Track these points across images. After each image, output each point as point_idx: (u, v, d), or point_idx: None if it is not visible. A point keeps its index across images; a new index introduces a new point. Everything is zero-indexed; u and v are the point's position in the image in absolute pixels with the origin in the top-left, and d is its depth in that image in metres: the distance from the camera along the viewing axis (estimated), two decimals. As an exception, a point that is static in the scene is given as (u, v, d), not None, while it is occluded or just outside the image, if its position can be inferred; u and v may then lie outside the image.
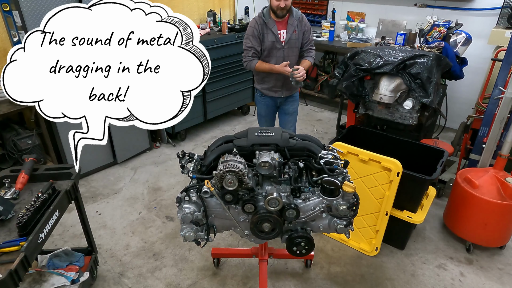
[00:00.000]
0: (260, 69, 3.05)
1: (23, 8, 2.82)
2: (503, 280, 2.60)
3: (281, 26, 2.97)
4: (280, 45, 3.00)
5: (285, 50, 3.03)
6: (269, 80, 3.14)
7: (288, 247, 1.77)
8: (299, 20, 3.00)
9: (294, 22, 2.98)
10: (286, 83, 3.12)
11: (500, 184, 2.64)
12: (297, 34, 3.01)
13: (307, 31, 3.08)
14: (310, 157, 1.74)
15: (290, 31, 2.98)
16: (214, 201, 1.70)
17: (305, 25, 3.06)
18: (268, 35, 2.96)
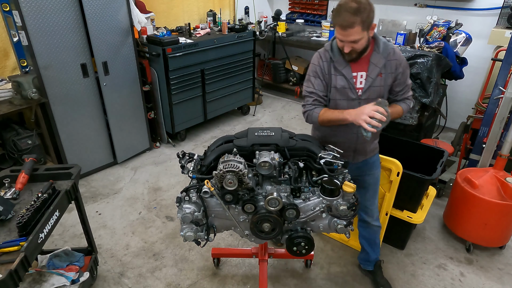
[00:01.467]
0: (326, 119, 1.99)
1: (23, 8, 2.82)
2: (503, 280, 2.60)
3: (358, 67, 1.96)
4: (354, 94, 1.97)
5: (362, 103, 1.95)
6: (335, 141, 2.06)
7: (288, 247, 1.77)
8: (389, 57, 1.95)
9: (381, 60, 1.93)
10: (360, 143, 2.11)
11: (500, 184, 2.63)
12: (383, 79, 1.97)
13: (402, 73, 2.00)
14: (310, 157, 1.74)
15: (373, 74, 1.94)
16: (214, 201, 1.70)
17: (400, 64, 1.98)
18: (337, 79, 1.98)
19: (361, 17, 1.72)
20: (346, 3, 1.74)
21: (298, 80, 5.78)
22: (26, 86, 3.00)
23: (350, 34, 1.76)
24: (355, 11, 1.70)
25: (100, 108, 3.62)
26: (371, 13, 1.76)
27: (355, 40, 1.78)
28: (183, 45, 3.99)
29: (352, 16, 1.71)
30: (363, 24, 1.74)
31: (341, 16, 1.74)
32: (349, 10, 1.71)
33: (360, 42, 1.81)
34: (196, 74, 4.27)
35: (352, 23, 1.72)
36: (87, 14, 3.19)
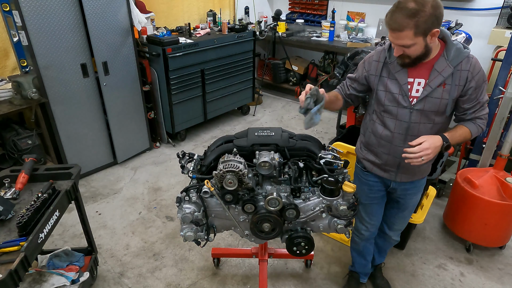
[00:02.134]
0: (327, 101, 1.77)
1: (23, 8, 2.82)
2: (503, 280, 2.60)
3: (416, 73, 1.71)
4: (406, 102, 1.74)
5: (414, 113, 1.74)
6: (377, 152, 1.93)
7: (288, 247, 1.77)
8: (460, 66, 1.65)
9: (448, 69, 1.64)
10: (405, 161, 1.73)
11: (500, 184, 2.63)
12: (447, 90, 1.68)
13: (474, 89, 1.68)
14: (310, 157, 1.74)
15: (434, 83, 1.67)
16: (214, 201, 1.70)
17: (473, 77, 1.66)
18: (389, 83, 1.77)
19: (415, 21, 1.48)
20: (404, 2, 1.51)
21: (298, 80, 5.78)
22: (26, 86, 3.00)
23: (399, 38, 1.56)
24: (409, 13, 1.48)
25: (100, 108, 3.62)
26: (432, 17, 1.49)
27: (405, 45, 1.57)
28: (183, 45, 3.99)
29: (404, 18, 1.49)
30: (416, 29, 1.50)
31: (392, 16, 1.53)
32: (403, 11, 1.49)
33: (413, 48, 1.58)
34: (196, 74, 4.27)
35: (402, 27, 1.51)
36: (87, 14, 3.19)
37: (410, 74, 1.72)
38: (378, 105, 1.84)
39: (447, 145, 1.67)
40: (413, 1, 1.48)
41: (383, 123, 1.85)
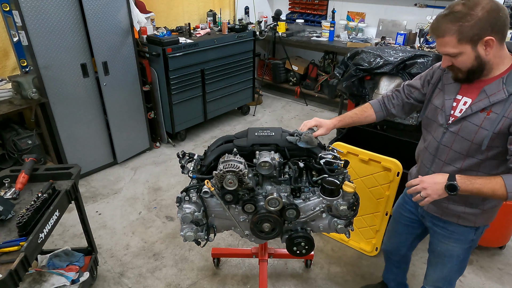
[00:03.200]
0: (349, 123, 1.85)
1: (23, 8, 2.82)
2: (503, 280, 2.60)
3: (467, 91, 1.47)
4: (443, 120, 1.53)
5: (448, 134, 1.51)
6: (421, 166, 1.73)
7: (288, 247, 1.77)
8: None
9: (500, 93, 1.35)
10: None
11: (500, 184, 2.63)
12: (490, 119, 1.38)
13: None
14: (310, 157, 1.74)
15: (477, 106, 1.41)
16: (214, 201, 1.70)
17: None
18: (437, 95, 1.60)
19: (459, 26, 1.29)
20: (452, 5, 1.32)
21: (298, 80, 5.78)
22: (26, 86, 3.00)
23: (441, 45, 1.38)
24: (453, 16, 1.30)
25: (100, 108, 3.62)
26: (483, 22, 1.27)
27: (449, 53, 1.37)
28: (183, 45, 3.99)
29: (446, 22, 1.32)
30: (460, 35, 1.30)
31: (436, 20, 1.36)
32: (446, 14, 1.33)
33: (460, 59, 1.36)
34: (196, 74, 4.27)
35: (443, 32, 1.33)
36: (87, 14, 3.18)
37: (461, 91, 1.49)
38: (424, 118, 1.66)
39: (450, 185, 1.37)
40: (461, 3, 1.29)
41: (423, 137, 1.70)
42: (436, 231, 1.75)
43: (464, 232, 1.65)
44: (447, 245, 1.73)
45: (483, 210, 1.58)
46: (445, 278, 1.83)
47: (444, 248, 1.75)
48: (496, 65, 1.37)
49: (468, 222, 1.62)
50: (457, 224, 1.64)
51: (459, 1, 1.30)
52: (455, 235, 1.68)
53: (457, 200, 1.58)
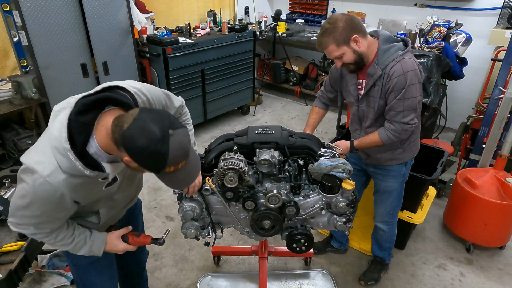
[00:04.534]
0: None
1: (23, 8, 2.83)
2: (503, 280, 2.60)
3: (361, 75, 2.00)
4: (355, 99, 2.06)
5: (361, 109, 2.06)
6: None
7: (288, 244, 1.77)
8: (386, 69, 1.84)
9: (377, 72, 1.86)
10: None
11: (500, 184, 2.63)
12: (377, 90, 1.91)
13: (394, 92, 1.85)
14: (309, 154, 1.75)
15: (368, 84, 1.93)
16: (215, 198, 1.70)
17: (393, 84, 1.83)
18: (348, 82, 2.08)
19: (333, 37, 1.79)
20: (322, 26, 1.84)
21: (298, 80, 5.78)
22: (26, 86, 3.00)
23: (329, 53, 1.86)
24: (326, 32, 1.80)
25: (100, 108, 3.61)
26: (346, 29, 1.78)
27: (336, 56, 1.85)
28: (183, 45, 3.99)
29: (324, 37, 1.81)
30: (337, 42, 1.80)
31: (318, 39, 1.86)
32: (321, 33, 1.82)
33: (345, 57, 1.85)
34: (196, 74, 4.27)
35: (326, 44, 1.82)
36: (87, 14, 3.19)
37: (359, 76, 2.02)
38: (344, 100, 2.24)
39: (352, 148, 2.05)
40: (327, 23, 1.81)
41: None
42: (378, 172, 2.26)
43: (397, 168, 2.18)
44: (386, 182, 2.24)
45: (404, 149, 2.11)
46: (389, 212, 2.35)
47: (385, 185, 2.26)
48: (369, 52, 1.88)
49: (398, 160, 2.15)
50: (391, 164, 2.16)
51: (325, 22, 1.82)
52: (391, 172, 2.20)
53: (384, 150, 2.11)
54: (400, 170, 2.19)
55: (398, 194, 2.28)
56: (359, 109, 2.07)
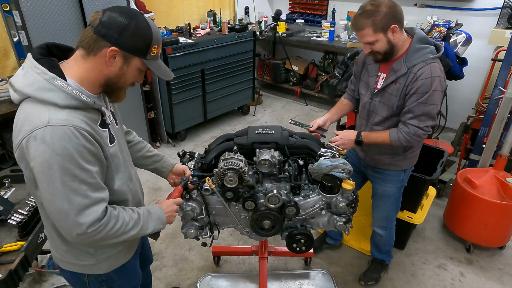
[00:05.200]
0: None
1: (23, 8, 2.83)
2: (503, 280, 2.60)
3: (384, 67, 1.94)
4: (369, 93, 2.02)
5: (373, 103, 2.01)
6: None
7: (288, 244, 1.77)
8: (413, 69, 1.80)
9: (402, 69, 1.83)
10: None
11: (500, 184, 2.63)
12: (397, 88, 1.86)
13: (416, 95, 1.80)
14: (309, 155, 1.75)
15: (389, 79, 1.89)
16: (215, 198, 1.70)
17: (417, 83, 1.78)
18: (364, 74, 2.08)
19: (372, 20, 1.71)
20: (363, 6, 1.75)
21: (298, 80, 5.78)
22: (26, 85, 3.00)
23: (361, 36, 1.79)
24: (366, 13, 1.72)
25: (100, 108, 3.61)
26: (388, 15, 1.71)
27: (369, 42, 1.78)
28: (183, 45, 3.99)
29: (362, 18, 1.74)
30: (375, 26, 1.73)
31: (355, 18, 1.79)
32: (360, 13, 1.75)
33: (377, 44, 1.78)
34: (196, 74, 4.28)
35: (362, 25, 1.75)
36: (87, 14, 3.19)
37: (380, 69, 1.97)
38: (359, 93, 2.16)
39: (357, 140, 1.99)
40: (370, 4, 1.72)
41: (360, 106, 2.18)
42: (376, 176, 2.23)
43: (395, 174, 2.16)
44: (384, 187, 2.22)
45: (405, 157, 2.09)
46: (386, 217, 2.34)
47: (383, 189, 2.24)
48: (400, 47, 1.83)
49: (397, 167, 2.13)
50: (390, 169, 2.14)
51: (368, 2, 1.73)
52: (390, 177, 2.17)
53: (385, 153, 2.08)
54: (399, 176, 2.17)
55: (395, 199, 2.27)
56: (371, 103, 2.02)
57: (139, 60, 1.17)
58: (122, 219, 1.22)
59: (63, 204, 1.09)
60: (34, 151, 1.05)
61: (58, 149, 1.04)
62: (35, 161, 1.06)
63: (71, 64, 1.15)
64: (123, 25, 1.09)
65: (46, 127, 1.04)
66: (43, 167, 1.06)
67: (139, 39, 1.12)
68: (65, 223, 1.12)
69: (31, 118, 1.06)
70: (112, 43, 1.10)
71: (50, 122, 1.04)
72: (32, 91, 1.07)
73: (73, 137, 1.06)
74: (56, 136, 1.04)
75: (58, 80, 1.07)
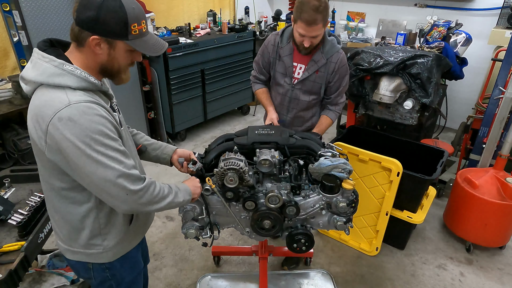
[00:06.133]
0: (258, 98, 2.45)
1: (23, 8, 2.83)
2: (503, 280, 2.60)
3: (299, 58, 2.18)
4: (289, 82, 2.24)
5: (295, 91, 2.27)
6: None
7: (288, 244, 1.77)
8: (331, 58, 2.14)
9: (322, 60, 2.12)
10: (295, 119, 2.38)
11: (500, 184, 2.63)
12: (320, 77, 2.18)
13: (339, 80, 2.21)
14: (309, 155, 1.75)
15: (311, 69, 2.16)
16: (215, 198, 1.70)
17: (337, 69, 2.16)
18: (279, 64, 2.24)
19: (323, 15, 1.90)
20: (310, 1, 1.87)
21: (298, 80, 5.78)
22: (26, 85, 3.00)
23: (313, 30, 1.93)
24: (319, 9, 1.87)
25: (100, 108, 3.61)
26: (328, 10, 1.95)
27: (316, 35, 1.97)
28: (183, 45, 3.99)
29: (316, 13, 1.88)
30: (324, 21, 1.93)
31: (306, 12, 1.88)
32: (313, 8, 1.86)
33: (318, 38, 2.00)
34: (196, 74, 4.28)
35: (316, 20, 1.89)
36: (87, 14, 3.18)
37: (294, 59, 2.18)
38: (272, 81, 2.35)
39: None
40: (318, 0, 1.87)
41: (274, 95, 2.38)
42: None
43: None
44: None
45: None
46: None
47: None
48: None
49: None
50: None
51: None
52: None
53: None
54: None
55: None
56: (293, 91, 2.25)
57: (122, 42, 1.18)
58: (158, 184, 1.35)
59: (106, 172, 1.14)
60: (63, 131, 1.09)
61: (85, 123, 1.10)
62: (66, 140, 1.10)
63: (70, 56, 1.20)
64: (94, 14, 1.10)
65: (68, 107, 1.09)
66: (76, 143, 1.10)
67: (113, 22, 1.13)
68: (113, 189, 1.17)
69: (51, 102, 1.10)
70: (92, 32, 1.12)
71: (71, 101, 1.10)
72: (44, 79, 1.11)
73: (95, 112, 1.12)
74: (80, 112, 1.10)
75: (67, 65, 1.13)
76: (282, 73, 2.24)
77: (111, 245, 1.40)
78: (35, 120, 1.13)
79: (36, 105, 1.13)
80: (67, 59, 1.17)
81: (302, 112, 2.35)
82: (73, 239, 1.36)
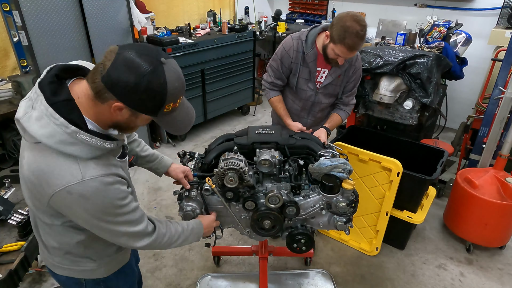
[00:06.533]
0: (273, 106, 2.42)
1: (23, 8, 2.82)
2: (503, 280, 2.60)
3: (323, 64, 2.19)
4: (313, 87, 2.27)
5: (318, 96, 2.31)
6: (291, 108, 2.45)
7: (288, 244, 1.77)
8: (352, 63, 2.23)
9: (345, 64, 2.17)
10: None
11: (500, 184, 2.63)
12: (341, 80, 2.27)
13: (355, 80, 2.32)
14: (309, 155, 1.75)
15: (334, 74, 2.22)
16: (215, 198, 1.70)
17: (356, 71, 2.27)
18: (302, 70, 2.23)
19: (364, 39, 1.95)
20: (354, 27, 1.89)
21: (298, 80, 5.77)
22: (26, 86, 3.00)
23: (353, 54, 2.01)
24: (362, 35, 1.91)
25: (100, 108, 3.61)
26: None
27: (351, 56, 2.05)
28: (183, 45, 3.99)
29: (359, 40, 1.91)
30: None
31: (350, 39, 1.90)
32: (357, 35, 1.89)
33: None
34: (196, 74, 4.27)
35: (358, 46, 1.94)
36: (87, 14, 3.18)
37: (318, 64, 2.19)
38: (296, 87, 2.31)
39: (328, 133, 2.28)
40: (364, 27, 1.92)
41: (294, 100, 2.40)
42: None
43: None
44: None
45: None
46: None
47: None
48: None
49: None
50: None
51: (362, 27, 1.90)
52: None
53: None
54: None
55: None
56: (316, 96, 2.30)
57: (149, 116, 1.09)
58: (168, 232, 1.34)
59: (114, 237, 1.18)
60: (71, 204, 1.04)
61: (98, 200, 1.04)
62: (75, 213, 1.08)
63: (83, 100, 1.05)
64: (131, 86, 0.96)
65: (80, 183, 1.01)
66: (85, 216, 1.08)
67: (148, 100, 1.01)
68: (121, 243, 1.23)
69: (60, 171, 1.01)
70: (118, 98, 0.99)
71: (84, 177, 1.01)
72: (53, 144, 0.99)
73: (109, 185, 1.06)
74: (94, 189, 1.03)
75: (81, 134, 1.00)
76: (306, 79, 2.24)
77: (104, 262, 1.36)
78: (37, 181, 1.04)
79: (41, 169, 1.02)
80: (79, 114, 1.03)
81: (321, 113, 2.45)
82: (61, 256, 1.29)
